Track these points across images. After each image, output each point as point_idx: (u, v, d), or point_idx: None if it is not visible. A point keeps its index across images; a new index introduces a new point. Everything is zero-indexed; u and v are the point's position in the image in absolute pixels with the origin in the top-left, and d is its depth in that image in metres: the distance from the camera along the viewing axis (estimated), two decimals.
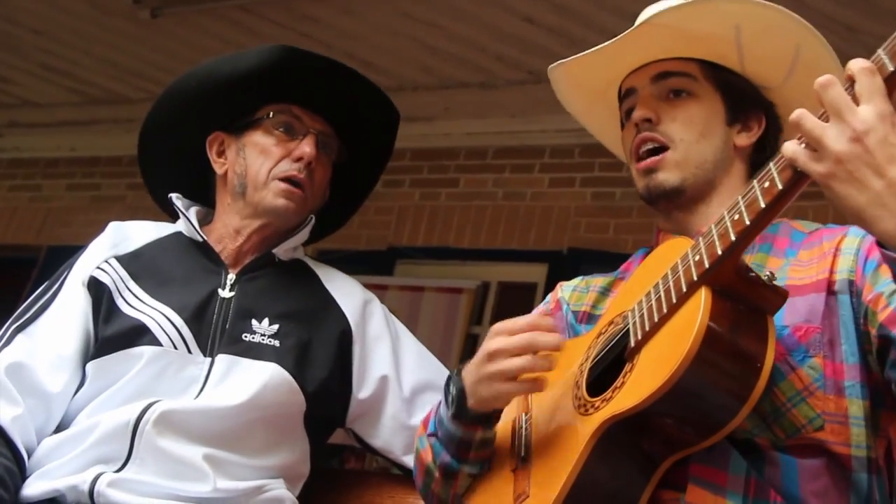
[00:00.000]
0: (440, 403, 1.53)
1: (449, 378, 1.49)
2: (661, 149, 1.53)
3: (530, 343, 1.36)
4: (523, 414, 1.49)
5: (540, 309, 1.74)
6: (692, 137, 1.53)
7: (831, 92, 1.10)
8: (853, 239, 1.38)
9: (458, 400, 1.43)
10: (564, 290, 1.71)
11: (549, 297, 1.74)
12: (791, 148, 1.13)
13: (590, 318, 1.61)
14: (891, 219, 1.07)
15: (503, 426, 1.49)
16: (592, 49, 1.62)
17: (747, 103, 1.58)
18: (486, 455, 1.47)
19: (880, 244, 1.11)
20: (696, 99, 1.56)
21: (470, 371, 1.43)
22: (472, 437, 1.44)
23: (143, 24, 4.45)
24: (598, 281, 1.67)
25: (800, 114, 1.11)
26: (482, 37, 4.22)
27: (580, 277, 1.72)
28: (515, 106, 4.55)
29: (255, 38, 4.40)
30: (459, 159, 4.86)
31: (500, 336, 1.39)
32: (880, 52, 1.10)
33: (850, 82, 1.11)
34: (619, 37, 1.58)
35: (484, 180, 4.76)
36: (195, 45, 4.59)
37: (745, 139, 1.57)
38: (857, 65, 1.09)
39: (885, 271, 1.26)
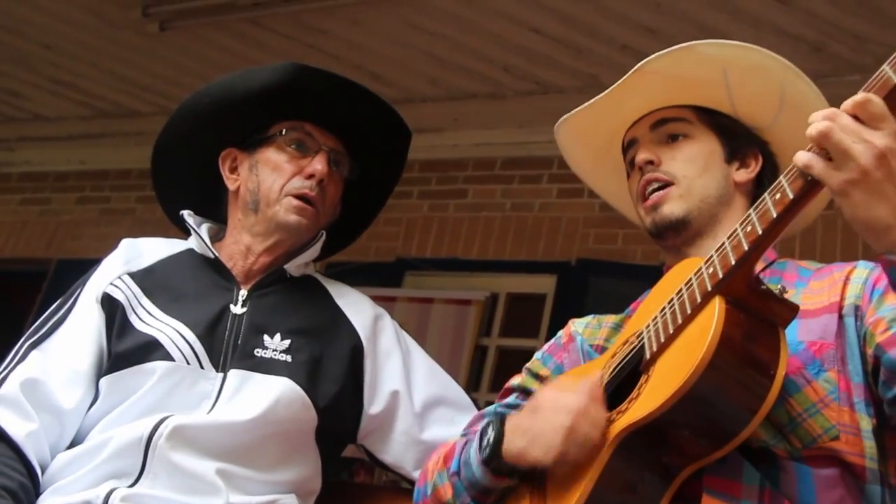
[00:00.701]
0: (466, 444, 1.53)
1: (489, 423, 1.48)
2: (665, 185, 1.60)
3: (571, 428, 1.31)
4: None
5: (551, 343, 1.76)
6: (694, 173, 1.60)
7: (843, 119, 1.14)
8: (863, 270, 1.43)
9: (493, 447, 1.42)
10: (577, 325, 1.75)
11: (560, 332, 1.77)
12: (806, 156, 1.16)
13: (603, 351, 1.63)
14: None
15: None
16: (593, 100, 1.70)
17: (742, 142, 1.65)
18: (505, 495, 1.47)
19: (883, 254, 1.15)
20: (693, 140, 1.63)
21: (514, 420, 1.43)
22: (497, 485, 1.45)
23: (152, 37, 4.46)
24: (610, 318, 1.71)
25: (828, 126, 1.14)
26: (489, 48, 4.22)
27: (591, 315, 1.75)
28: (523, 116, 4.55)
29: (263, 50, 4.42)
30: (468, 170, 4.85)
31: (552, 390, 1.38)
32: (885, 66, 1.15)
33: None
34: (614, 86, 1.66)
35: (492, 191, 4.75)
36: (204, 58, 4.61)
37: (743, 175, 1.63)
38: (850, 101, 1.14)
39: (891, 298, 1.32)
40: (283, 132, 1.87)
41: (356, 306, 1.91)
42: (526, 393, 1.69)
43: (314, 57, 4.29)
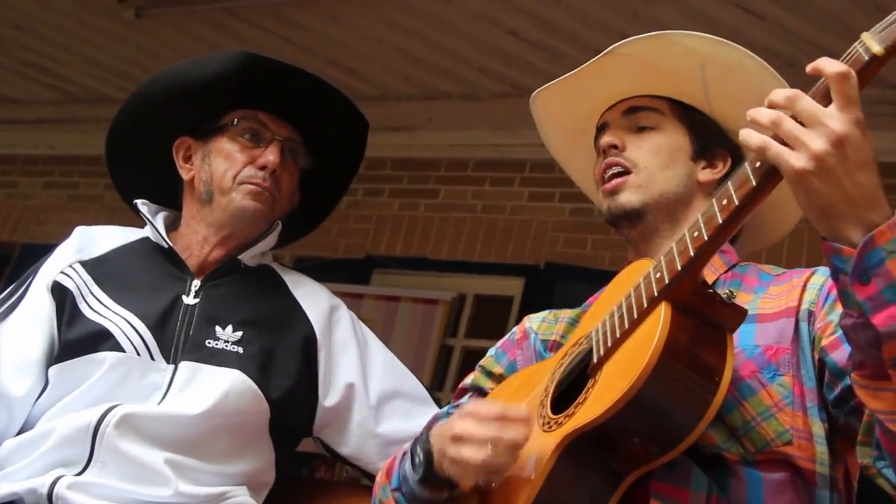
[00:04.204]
0: (403, 457, 1.52)
1: (416, 441, 1.47)
2: (625, 172, 1.58)
3: (495, 437, 1.31)
4: None
5: (505, 339, 1.75)
6: (656, 166, 1.58)
7: (804, 102, 1.11)
8: (820, 277, 1.43)
9: (426, 465, 1.41)
10: (532, 321, 1.74)
11: (515, 329, 1.76)
12: (761, 138, 1.13)
13: (559, 346, 1.63)
14: (854, 215, 1.10)
15: None
16: (568, 74, 1.68)
17: (713, 142, 1.62)
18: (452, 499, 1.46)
19: (826, 240, 1.13)
20: (662, 132, 1.61)
21: (438, 438, 1.41)
22: (438, 497, 1.44)
23: (127, 23, 4.42)
24: (567, 313, 1.70)
25: (777, 114, 1.12)
26: (466, 49, 4.23)
27: (548, 311, 1.74)
28: (497, 119, 4.56)
29: (239, 41, 4.39)
30: (440, 170, 4.86)
31: (469, 420, 1.35)
32: (856, 45, 1.12)
33: (821, 80, 1.12)
34: (590, 62, 1.64)
35: (464, 192, 4.76)
36: (179, 47, 4.57)
37: (708, 175, 1.60)
38: (832, 68, 1.11)
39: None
40: (236, 121, 1.85)
41: (312, 297, 1.89)
42: (479, 391, 1.68)
43: (290, 50, 4.27)
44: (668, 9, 3.65)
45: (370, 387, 1.86)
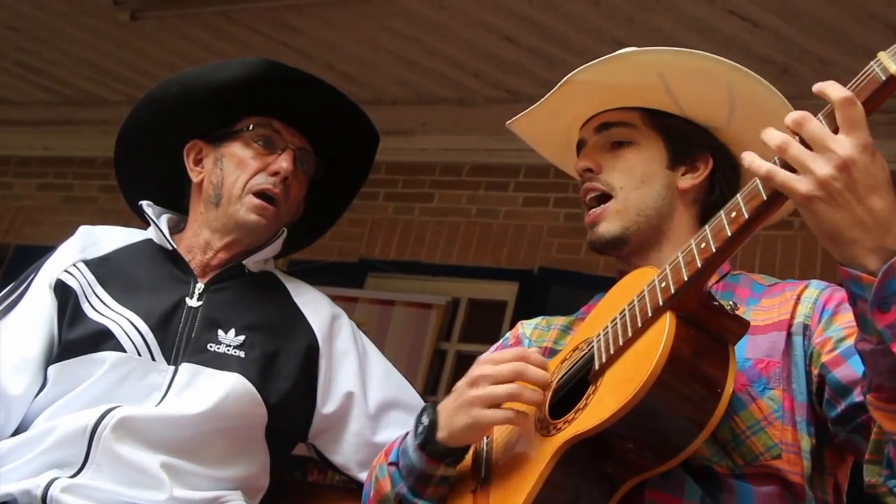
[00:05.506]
0: (406, 434, 1.52)
1: (423, 409, 1.47)
2: (605, 197, 1.58)
3: (517, 372, 1.35)
4: (486, 437, 1.49)
5: (498, 345, 1.75)
6: (631, 185, 1.57)
7: (811, 126, 1.12)
8: (813, 290, 1.43)
9: (427, 431, 1.41)
10: (525, 327, 1.74)
11: (508, 334, 1.76)
12: (767, 166, 1.14)
13: (552, 353, 1.62)
14: (868, 240, 1.10)
15: None
16: (533, 106, 1.68)
17: (691, 145, 1.61)
18: (443, 492, 1.46)
19: (843, 265, 1.13)
20: (635, 147, 1.60)
21: (447, 402, 1.42)
22: (433, 471, 1.43)
23: (123, 25, 4.42)
24: (560, 320, 1.70)
25: (785, 139, 1.13)
26: (461, 54, 4.23)
27: (541, 317, 1.74)
28: (492, 124, 4.54)
29: (235, 45, 4.39)
30: (435, 175, 4.86)
31: (486, 364, 1.38)
32: (873, 64, 1.11)
33: (829, 110, 1.12)
34: (549, 93, 1.63)
35: (458, 196, 4.76)
36: (174, 50, 4.57)
37: (689, 180, 1.59)
38: (837, 94, 1.11)
39: (839, 320, 1.33)
40: (251, 127, 1.86)
41: (314, 305, 1.90)
42: None
43: (286, 54, 4.27)
44: (663, 16, 3.66)
45: (369, 396, 1.87)
